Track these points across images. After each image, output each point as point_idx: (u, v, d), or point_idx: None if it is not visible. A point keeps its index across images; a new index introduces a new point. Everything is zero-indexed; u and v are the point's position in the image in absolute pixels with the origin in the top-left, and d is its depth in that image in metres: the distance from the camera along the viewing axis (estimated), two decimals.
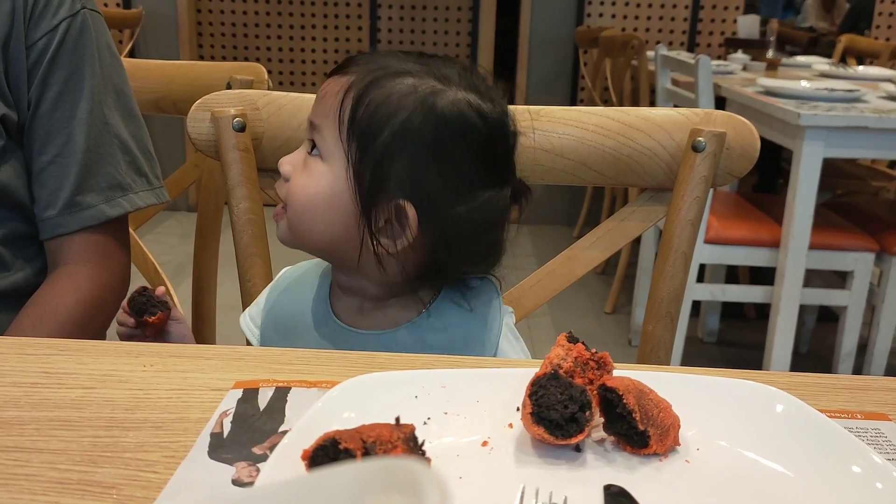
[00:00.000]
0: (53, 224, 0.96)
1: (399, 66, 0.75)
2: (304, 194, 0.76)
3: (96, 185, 0.98)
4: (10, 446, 0.53)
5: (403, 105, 0.72)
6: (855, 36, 3.97)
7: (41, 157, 0.96)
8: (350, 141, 0.73)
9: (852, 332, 2.25)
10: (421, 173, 0.73)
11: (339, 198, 0.75)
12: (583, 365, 0.55)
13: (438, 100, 0.73)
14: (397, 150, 0.72)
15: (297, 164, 0.78)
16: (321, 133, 0.75)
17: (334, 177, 0.75)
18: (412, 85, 0.73)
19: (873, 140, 2.00)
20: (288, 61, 4.32)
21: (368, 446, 0.45)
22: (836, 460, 0.49)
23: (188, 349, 0.68)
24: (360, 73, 0.74)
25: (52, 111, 0.95)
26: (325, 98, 0.76)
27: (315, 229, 0.77)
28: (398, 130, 0.72)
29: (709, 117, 0.93)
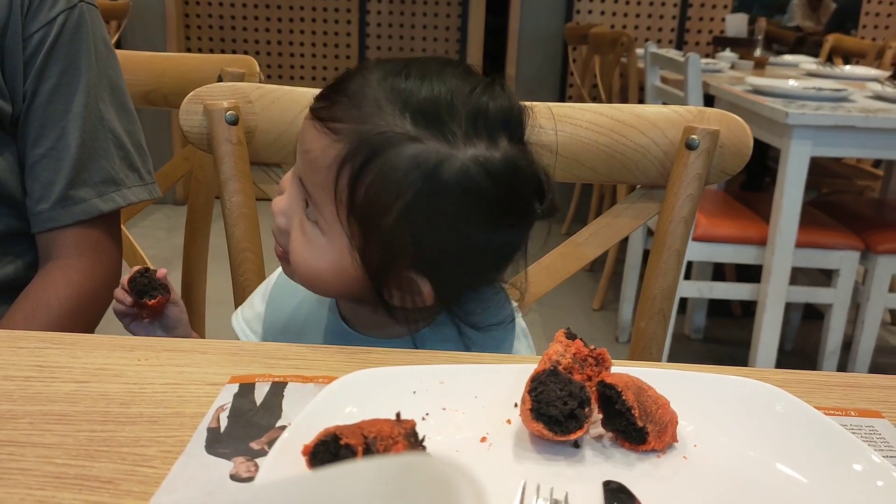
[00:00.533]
0: (46, 217, 0.95)
1: (395, 127, 0.64)
2: (309, 268, 0.70)
3: (90, 179, 0.97)
4: (3, 440, 0.52)
5: (406, 183, 0.64)
6: (842, 35, 4.00)
7: (35, 150, 0.95)
8: (351, 224, 0.66)
9: (837, 329, 2.27)
10: (431, 248, 0.67)
11: (346, 271, 0.69)
12: (581, 361, 0.55)
13: (444, 170, 0.64)
14: (404, 230, 0.65)
15: (293, 217, 0.71)
16: (317, 206, 0.68)
17: (338, 254, 0.68)
18: (414, 158, 0.63)
19: (860, 139, 2.01)
20: (276, 54, 4.30)
21: (369, 442, 0.45)
22: (834, 458, 0.50)
23: (183, 343, 0.68)
24: (352, 140, 0.65)
25: (48, 104, 0.94)
26: (314, 163, 0.67)
27: (321, 291, 0.75)
28: (403, 212, 0.64)
29: (702, 115, 0.93)
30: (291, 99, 0.96)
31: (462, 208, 0.65)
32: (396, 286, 0.69)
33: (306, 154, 0.68)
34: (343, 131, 0.65)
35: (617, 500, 0.47)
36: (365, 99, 0.65)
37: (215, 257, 1.34)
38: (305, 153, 0.68)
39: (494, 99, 0.67)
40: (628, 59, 3.10)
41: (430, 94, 0.65)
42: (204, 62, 1.26)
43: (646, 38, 4.12)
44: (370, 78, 0.67)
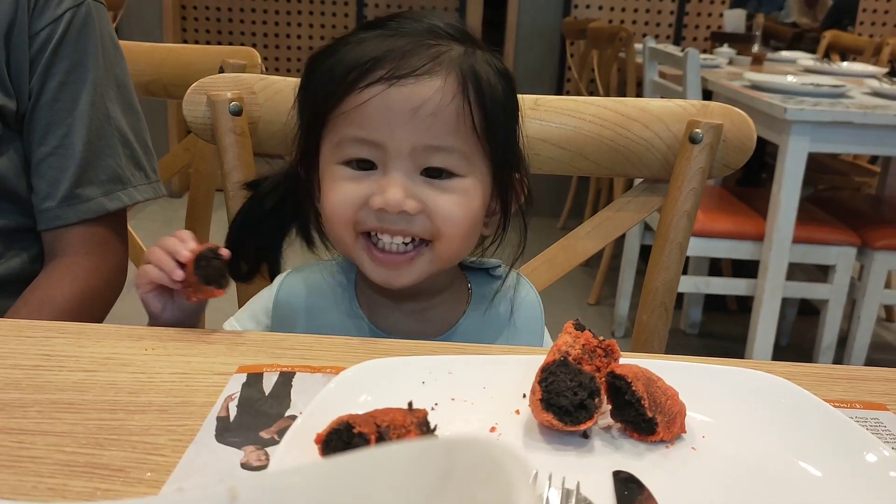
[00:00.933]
0: (52, 216, 0.95)
1: (452, 44, 0.70)
2: (470, 217, 0.70)
3: (96, 177, 0.97)
4: (13, 428, 0.52)
5: (496, 83, 0.72)
6: (839, 32, 4.00)
7: (41, 147, 0.94)
8: (488, 141, 0.70)
9: (833, 325, 2.27)
10: (518, 142, 0.76)
11: (486, 201, 0.74)
12: (590, 352, 0.55)
13: (498, 65, 0.73)
14: (511, 129, 0.75)
15: (421, 194, 0.68)
16: (453, 152, 0.68)
17: (483, 184, 0.72)
18: (486, 62, 0.71)
19: (858, 135, 2.02)
20: (273, 46, 4.28)
21: (382, 430, 0.45)
22: (844, 449, 0.50)
23: (189, 333, 0.68)
24: (452, 70, 0.68)
25: (54, 102, 0.94)
26: (438, 110, 0.66)
27: (468, 247, 0.75)
28: (507, 110, 0.73)
29: (706, 109, 0.94)
30: (294, 90, 0.95)
31: (514, 93, 0.75)
32: (513, 193, 0.76)
33: (419, 111, 0.66)
34: (442, 68, 0.68)
35: (627, 490, 0.47)
36: (422, 43, 0.69)
37: None
38: (416, 111, 0.66)
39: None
40: (626, 54, 3.10)
41: (449, 21, 0.73)
42: (204, 53, 1.26)
43: (644, 34, 4.11)
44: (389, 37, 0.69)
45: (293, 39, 4.29)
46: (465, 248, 0.74)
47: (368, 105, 0.67)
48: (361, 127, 0.68)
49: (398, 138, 0.67)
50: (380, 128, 0.67)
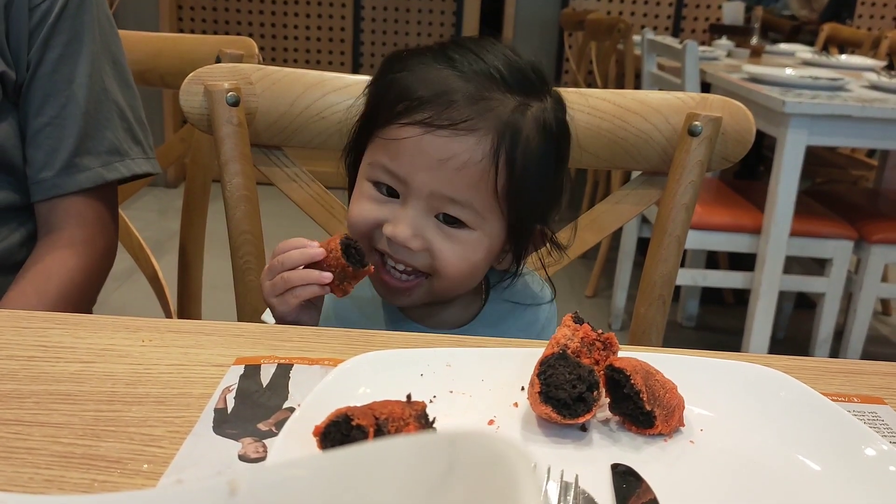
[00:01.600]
0: (50, 185, 0.95)
1: (511, 102, 0.70)
2: (467, 265, 0.73)
3: (94, 148, 0.97)
4: (10, 419, 0.52)
5: (537, 144, 0.72)
6: (837, 25, 4.00)
7: (38, 118, 0.95)
8: (508, 201, 0.72)
9: (829, 318, 2.28)
10: (551, 198, 0.77)
11: (494, 252, 0.76)
12: (589, 345, 0.55)
13: (548, 119, 0.73)
14: (542, 187, 0.74)
15: (428, 235, 0.72)
16: (467, 207, 0.71)
17: (491, 239, 0.74)
18: (535, 120, 0.72)
19: (856, 128, 2.02)
20: (270, 36, 4.27)
21: (380, 423, 0.45)
22: (842, 443, 0.50)
23: (186, 324, 0.68)
24: (495, 129, 0.69)
25: (52, 73, 0.94)
26: (463, 166, 0.69)
27: (468, 285, 0.78)
28: (541, 170, 0.73)
29: (705, 101, 0.93)
30: (292, 80, 0.95)
31: (561, 150, 0.76)
32: (530, 242, 0.78)
33: (446, 164, 0.69)
34: (482, 124, 0.69)
35: (625, 483, 0.47)
36: (475, 95, 0.69)
37: (210, 241, 1.34)
38: (444, 163, 0.69)
39: (526, 55, 0.76)
40: (625, 45, 3.09)
41: (506, 64, 0.72)
42: (201, 43, 1.25)
43: (642, 25, 4.11)
44: (449, 76, 0.70)
45: (290, 29, 4.27)
46: (464, 286, 0.78)
47: (403, 143, 0.70)
48: (392, 160, 0.71)
49: (420, 181, 0.70)
50: (407, 166, 0.70)
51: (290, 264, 0.71)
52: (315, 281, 0.71)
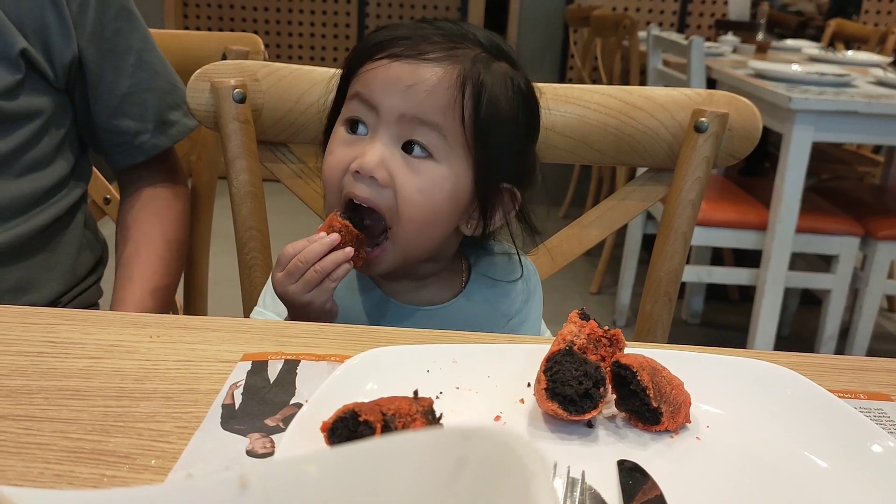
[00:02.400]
0: (150, 146, 1.06)
1: (474, 48, 0.73)
2: (431, 204, 0.72)
3: (172, 101, 1.07)
4: (20, 415, 0.52)
5: (505, 94, 0.73)
6: (844, 20, 3.98)
7: (116, 91, 1.02)
8: (475, 139, 0.72)
9: (835, 315, 2.27)
10: (521, 156, 0.77)
11: (459, 199, 0.74)
12: (595, 342, 0.55)
13: (519, 81, 0.75)
14: (509, 140, 0.75)
15: (393, 164, 0.71)
16: (436, 131, 0.71)
17: (456, 178, 0.72)
18: (504, 74, 0.74)
19: (863, 125, 2.01)
20: (275, 33, 4.27)
21: (388, 419, 0.45)
22: (848, 440, 0.50)
23: (193, 321, 0.68)
24: (465, 62, 0.71)
25: (115, 47, 1.01)
26: (432, 90, 0.70)
27: (436, 237, 0.75)
28: (509, 122, 0.74)
29: (711, 98, 0.93)
30: (298, 77, 0.95)
31: (533, 113, 0.77)
32: (498, 202, 0.76)
33: (414, 87, 0.71)
34: (450, 59, 0.72)
35: (631, 479, 0.48)
36: (446, 37, 0.73)
37: (216, 237, 1.34)
38: (412, 87, 0.71)
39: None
40: (630, 41, 3.08)
41: (482, 32, 0.75)
42: (207, 40, 1.25)
43: (647, 21, 4.10)
44: (423, 27, 0.74)
45: (295, 26, 4.27)
46: (426, 236, 0.75)
47: (375, 72, 0.73)
48: (364, 87, 0.73)
49: (390, 104, 0.72)
50: (378, 92, 0.72)
51: (314, 257, 0.72)
52: (343, 259, 0.72)
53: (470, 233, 0.78)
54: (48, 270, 1.00)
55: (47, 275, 1.00)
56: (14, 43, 0.92)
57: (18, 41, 0.92)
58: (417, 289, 0.82)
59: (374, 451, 0.25)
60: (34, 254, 0.98)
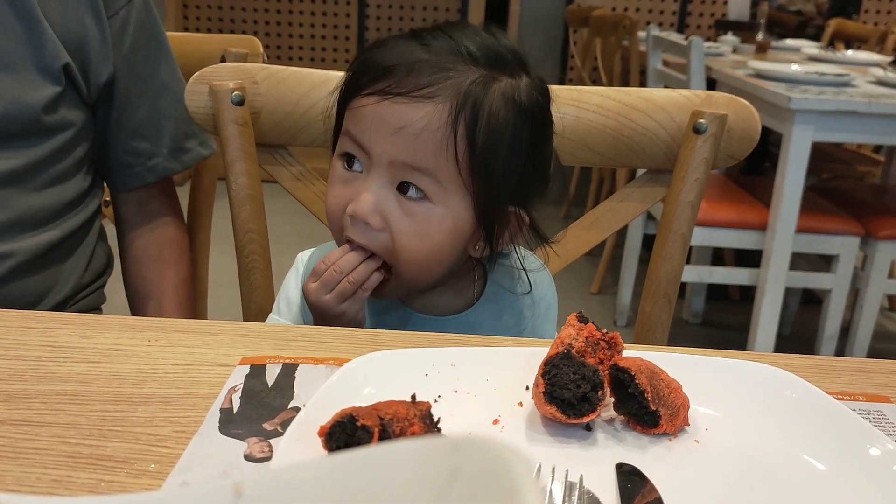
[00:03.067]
0: (162, 169, 1.09)
1: (477, 74, 0.69)
2: (429, 247, 0.71)
3: (189, 130, 1.11)
4: (17, 419, 0.52)
5: (506, 118, 0.69)
6: (844, 20, 3.98)
7: (139, 112, 1.06)
8: (472, 176, 0.69)
9: (836, 315, 2.27)
10: (527, 177, 0.73)
11: (461, 234, 0.72)
12: (594, 345, 0.55)
13: (521, 96, 0.71)
14: (512, 165, 0.71)
15: (388, 209, 0.70)
16: (430, 174, 0.69)
17: (454, 217, 0.71)
18: (503, 95, 0.70)
19: (863, 125, 2.01)
20: (275, 35, 4.27)
21: (385, 423, 0.45)
22: (846, 443, 0.50)
23: (192, 324, 0.68)
24: (455, 96, 0.68)
25: (142, 72, 1.05)
26: (420, 133, 0.68)
27: (440, 272, 0.75)
28: (510, 147, 0.70)
29: (710, 99, 0.93)
30: (297, 80, 0.95)
31: (538, 126, 0.73)
32: (505, 225, 0.74)
33: (402, 131, 0.68)
34: (440, 93, 0.67)
35: (630, 483, 0.47)
36: (435, 63, 0.68)
37: (215, 239, 1.34)
38: (400, 130, 0.68)
39: (508, 38, 0.74)
40: (630, 42, 3.08)
41: (477, 41, 0.71)
42: (206, 42, 1.25)
43: (647, 21, 4.10)
44: (414, 49, 0.70)
45: (294, 28, 4.27)
46: (429, 272, 0.74)
47: (364, 111, 0.70)
48: (355, 127, 0.71)
49: (380, 148, 0.69)
50: (368, 134, 0.70)
51: (349, 267, 0.72)
52: (374, 268, 0.73)
53: (478, 255, 0.77)
54: (61, 278, 1.02)
55: (60, 282, 1.02)
56: (59, 57, 0.95)
57: (62, 56, 0.95)
58: (430, 297, 0.81)
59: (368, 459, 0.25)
60: (52, 263, 1.00)
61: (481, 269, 0.83)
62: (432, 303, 0.81)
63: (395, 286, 0.75)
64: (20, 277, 0.96)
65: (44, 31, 0.94)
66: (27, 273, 0.96)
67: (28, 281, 0.97)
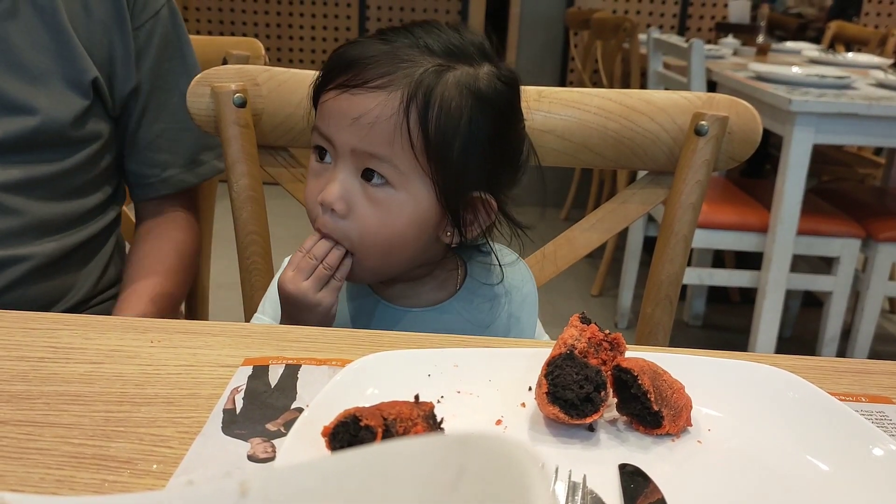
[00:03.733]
0: (177, 180, 1.09)
1: (431, 63, 0.71)
2: (390, 232, 0.73)
3: (208, 143, 1.11)
4: (21, 420, 0.52)
5: (462, 104, 0.71)
6: (844, 23, 3.99)
7: (157, 124, 1.06)
8: (430, 161, 0.71)
9: (837, 317, 2.27)
10: (489, 162, 0.74)
11: (424, 220, 0.74)
12: (596, 346, 0.55)
13: (480, 84, 0.73)
14: (470, 149, 0.72)
15: (353, 197, 0.73)
16: (389, 160, 0.71)
17: (416, 202, 0.73)
18: (458, 82, 0.71)
19: (863, 127, 2.01)
20: (276, 37, 4.27)
21: (389, 423, 0.45)
22: (849, 443, 0.50)
23: (194, 325, 0.68)
24: (406, 85, 0.70)
25: (165, 84, 1.06)
26: (375, 122, 0.70)
27: (404, 258, 0.76)
28: (467, 132, 0.72)
29: (711, 101, 0.93)
30: (298, 81, 0.95)
31: (500, 113, 0.74)
32: (471, 211, 0.76)
33: (359, 120, 0.71)
34: (393, 83, 0.70)
35: (633, 483, 0.48)
36: (391, 56, 0.71)
37: (217, 241, 1.34)
38: (357, 120, 0.71)
39: (474, 33, 0.76)
40: (630, 44, 3.09)
41: (439, 36, 0.73)
42: (208, 44, 1.25)
43: (648, 24, 4.10)
44: (376, 44, 0.73)
45: (296, 30, 4.28)
46: (393, 259, 0.75)
47: (327, 104, 0.74)
48: (320, 121, 0.75)
49: (342, 139, 0.72)
50: (331, 126, 0.73)
51: (322, 253, 0.74)
52: (343, 254, 0.74)
53: (450, 241, 0.77)
54: (76, 284, 1.02)
55: (75, 288, 1.02)
56: (87, 71, 0.96)
57: (91, 70, 0.96)
58: (409, 290, 0.81)
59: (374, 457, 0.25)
60: (68, 269, 1.01)
61: (462, 262, 0.84)
62: (411, 297, 0.81)
63: (357, 274, 0.76)
64: (36, 281, 0.96)
65: (74, 45, 0.95)
66: (43, 277, 0.97)
67: (43, 285, 0.98)
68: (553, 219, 3.80)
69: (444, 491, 0.22)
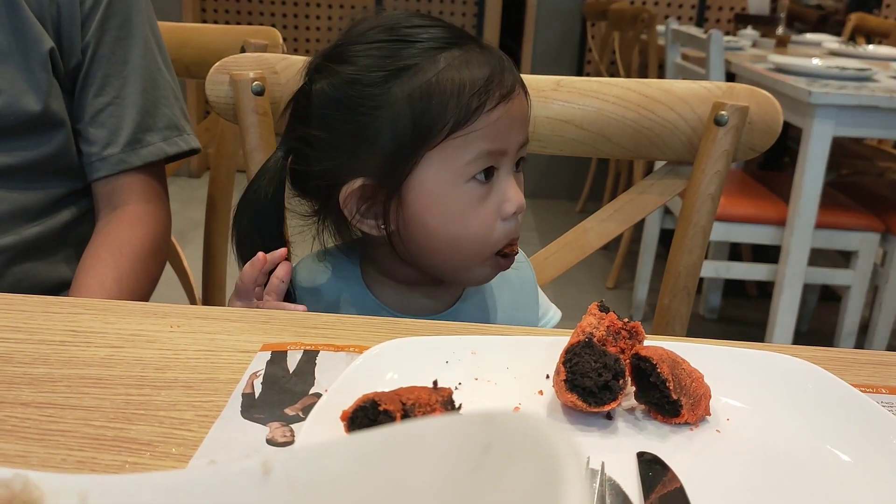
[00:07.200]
0: (116, 161, 1.00)
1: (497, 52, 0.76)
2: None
3: (154, 124, 1.03)
4: (43, 402, 0.53)
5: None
6: (865, 15, 3.94)
7: (99, 97, 0.99)
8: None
9: (854, 311, 2.26)
10: None
11: None
12: (615, 334, 0.55)
13: None
14: None
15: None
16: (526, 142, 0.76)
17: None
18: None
19: (884, 120, 1.99)
20: (293, 27, 4.28)
21: (407, 408, 0.45)
22: (871, 434, 0.50)
23: (214, 311, 0.68)
24: (515, 73, 0.75)
25: (110, 55, 0.99)
26: (528, 119, 0.76)
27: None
28: None
29: (731, 91, 0.93)
30: None
31: None
32: None
33: (525, 121, 0.75)
34: (514, 73, 0.75)
35: (651, 471, 0.47)
36: (491, 57, 0.74)
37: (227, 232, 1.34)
38: (525, 121, 0.75)
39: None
40: (648, 35, 3.06)
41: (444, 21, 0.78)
42: (226, 33, 1.26)
43: (665, 15, 4.07)
44: (475, 52, 0.74)
45: (313, 20, 4.28)
46: None
47: (499, 120, 0.72)
48: (493, 138, 0.72)
49: (514, 141, 0.73)
50: (507, 135, 0.73)
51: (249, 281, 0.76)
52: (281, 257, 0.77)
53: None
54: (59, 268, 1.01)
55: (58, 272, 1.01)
56: (42, 41, 0.93)
57: (46, 40, 0.93)
58: (412, 297, 0.81)
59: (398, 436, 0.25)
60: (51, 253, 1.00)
61: None
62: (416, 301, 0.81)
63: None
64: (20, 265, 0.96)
65: (26, 16, 0.91)
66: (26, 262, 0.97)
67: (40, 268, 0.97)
68: (568, 211, 3.78)
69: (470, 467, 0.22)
